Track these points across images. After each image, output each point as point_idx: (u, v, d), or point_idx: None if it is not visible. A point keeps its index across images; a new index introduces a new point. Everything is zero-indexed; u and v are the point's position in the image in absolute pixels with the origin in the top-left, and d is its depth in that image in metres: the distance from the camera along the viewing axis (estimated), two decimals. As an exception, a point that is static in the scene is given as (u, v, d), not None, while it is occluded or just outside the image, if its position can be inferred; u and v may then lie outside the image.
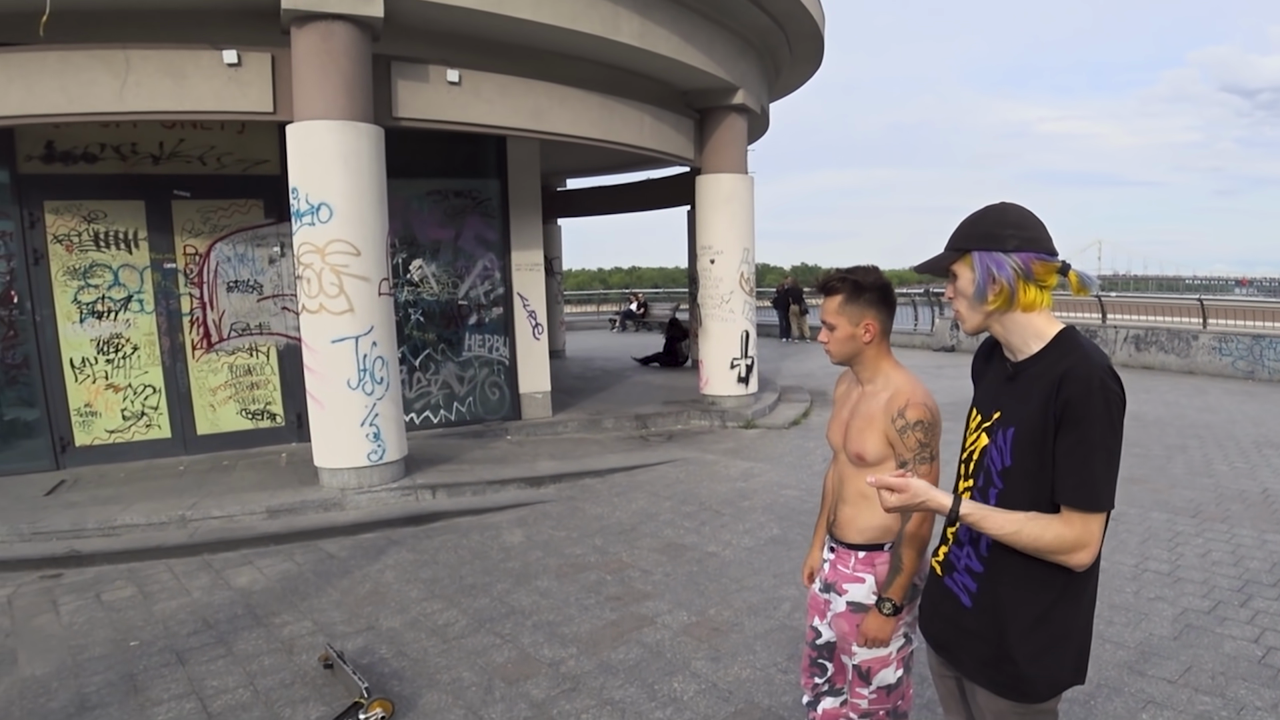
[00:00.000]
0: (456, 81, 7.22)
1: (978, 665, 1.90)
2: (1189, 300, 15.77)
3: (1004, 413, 1.84)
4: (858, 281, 2.38)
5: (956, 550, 1.94)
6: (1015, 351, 1.85)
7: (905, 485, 1.78)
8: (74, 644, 4.38)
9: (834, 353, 2.44)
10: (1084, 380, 1.66)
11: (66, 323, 7.56)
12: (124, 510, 6.21)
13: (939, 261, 1.87)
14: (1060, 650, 1.82)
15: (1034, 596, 1.79)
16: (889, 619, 2.34)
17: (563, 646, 4.18)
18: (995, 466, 1.83)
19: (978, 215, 1.83)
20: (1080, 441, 1.66)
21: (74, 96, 6.13)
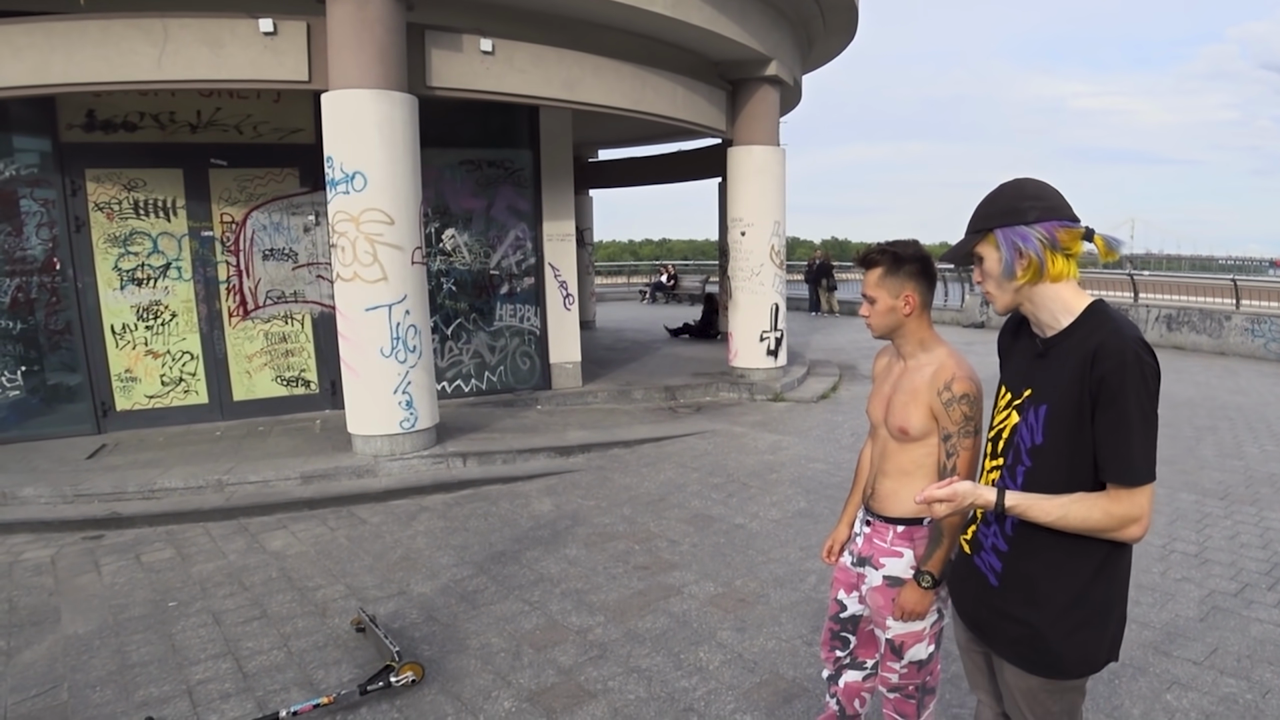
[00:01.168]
0: (490, 51, 7.20)
1: (1008, 643, 1.91)
2: (1223, 280, 15.46)
3: (1035, 390, 1.82)
4: (897, 254, 2.37)
5: (984, 529, 1.94)
6: (1045, 327, 1.83)
7: (952, 493, 1.79)
8: (115, 603, 4.51)
9: (875, 326, 2.43)
10: (1118, 354, 1.65)
11: (107, 289, 7.70)
12: (163, 474, 6.36)
13: (963, 247, 1.85)
14: (1096, 628, 1.82)
15: (1069, 575, 1.79)
16: (927, 592, 2.34)
17: (590, 615, 4.24)
18: (1025, 444, 1.82)
19: (994, 194, 1.82)
20: (1120, 417, 1.65)
21: (114, 65, 6.20)
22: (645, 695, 3.46)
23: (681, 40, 8.90)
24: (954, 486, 1.79)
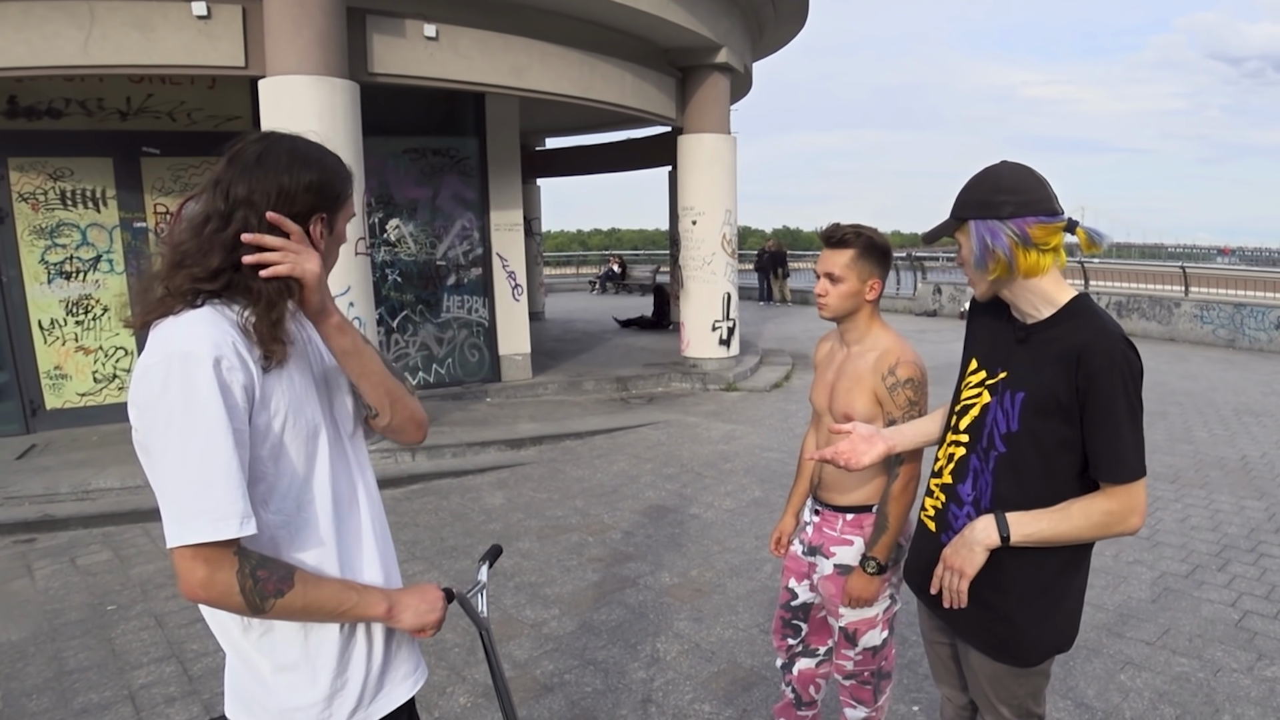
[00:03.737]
0: (434, 37, 7.06)
1: (973, 628, 1.89)
2: (1172, 268, 15.88)
3: (1011, 374, 1.80)
4: (872, 239, 2.35)
5: (956, 510, 1.90)
6: (1021, 314, 1.81)
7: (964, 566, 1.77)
8: (50, 609, 4.33)
9: (832, 307, 2.39)
10: (1107, 354, 1.64)
11: (34, 284, 7.39)
12: (98, 474, 6.13)
13: (941, 231, 1.82)
14: (1063, 614, 1.83)
15: (1039, 563, 1.78)
16: (874, 578, 2.33)
17: (545, 608, 4.18)
18: (999, 429, 1.80)
19: (974, 181, 1.77)
20: (1110, 416, 1.65)
21: (36, 49, 5.93)
22: (603, 687, 3.42)
23: (631, 26, 8.83)
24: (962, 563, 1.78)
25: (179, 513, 1.25)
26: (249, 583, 1.27)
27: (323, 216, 1.41)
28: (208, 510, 1.24)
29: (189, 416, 1.24)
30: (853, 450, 2.04)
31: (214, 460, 1.25)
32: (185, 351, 1.26)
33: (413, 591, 1.49)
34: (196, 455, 1.25)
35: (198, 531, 1.24)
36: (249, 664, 1.44)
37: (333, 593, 1.37)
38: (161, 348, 1.28)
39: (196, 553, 1.25)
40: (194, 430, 1.24)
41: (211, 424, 1.25)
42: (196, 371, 1.25)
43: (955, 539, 1.81)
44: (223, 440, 1.25)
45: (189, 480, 1.25)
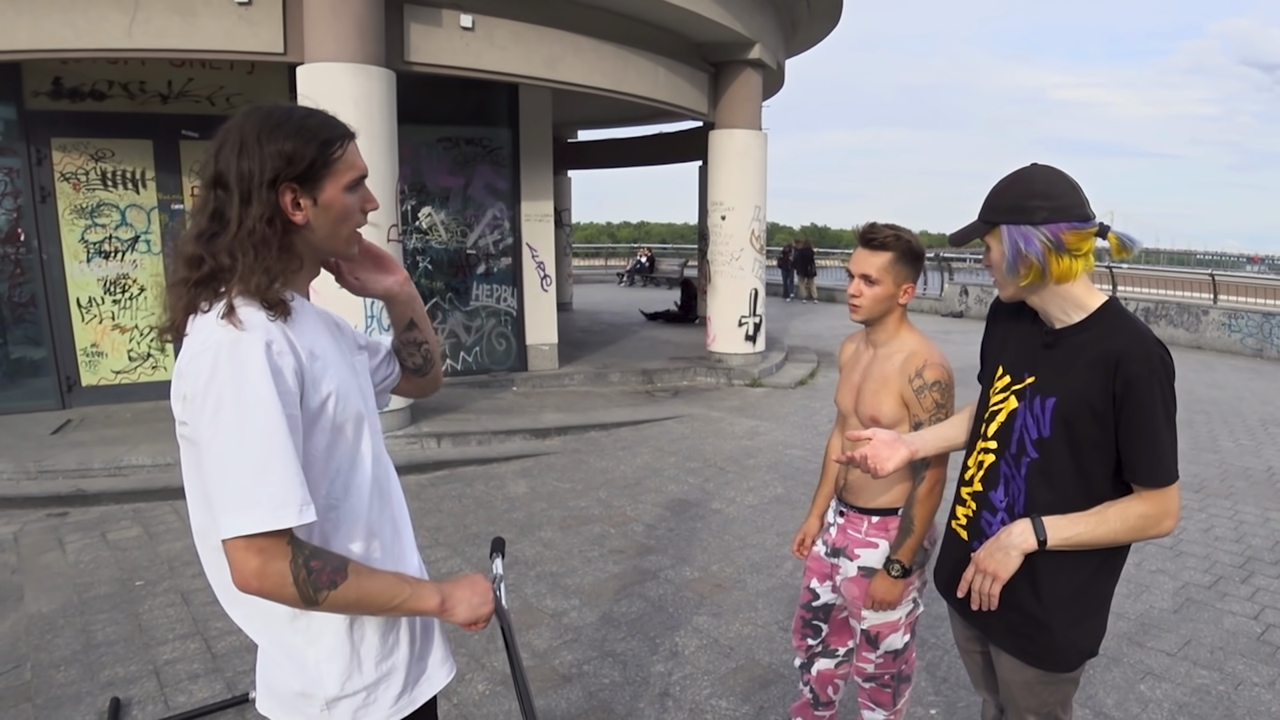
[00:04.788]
0: (470, 27, 7.09)
1: (1007, 633, 1.88)
2: (1200, 275, 15.64)
3: (1039, 379, 1.79)
4: (910, 243, 2.33)
5: (989, 517, 1.89)
6: (1049, 319, 1.80)
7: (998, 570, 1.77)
8: (80, 582, 4.42)
9: (865, 309, 2.36)
10: (1144, 360, 1.64)
11: (73, 262, 7.53)
12: (130, 451, 6.24)
13: (970, 232, 1.80)
14: (1095, 620, 1.83)
15: (1073, 568, 1.77)
16: (897, 581, 2.33)
17: (565, 598, 4.21)
18: (1030, 435, 1.79)
19: (1005, 184, 1.75)
20: (1148, 422, 1.65)
21: (81, 31, 6.03)
22: (621, 679, 3.44)
23: (664, 20, 8.82)
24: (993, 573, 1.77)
25: (234, 501, 1.21)
26: (302, 573, 1.25)
27: (293, 187, 1.34)
28: (266, 498, 1.21)
29: (241, 401, 1.21)
30: (876, 455, 2.03)
31: (270, 445, 1.22)
32: (234, 337, 1.23)
33: (464, 584, 1.46)
34: (252, 441, 1.21)
35: (256, 521, 1.21)
36: (294, 655, 1.41)
37: (385, 585, 1.34)
38: (208, 336, 1.25)
39: (250, 543, 1.22)
40: (247, 415, 1.21)
41: (266, 408, 1.22)
42: (247, 356, 1.23)
43: (989, 542, 1.80)
44: (278, 425, 1.23)
45: (245, 467, 1.21)
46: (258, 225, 1.30)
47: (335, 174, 1.38)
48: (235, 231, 1.30)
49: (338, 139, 1.39)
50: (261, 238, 1.30)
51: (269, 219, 1.31)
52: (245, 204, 1.31)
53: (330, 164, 1.37)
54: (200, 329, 1.28)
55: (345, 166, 1.40)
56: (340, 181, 1.39)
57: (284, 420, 1.24)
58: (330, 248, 1.44)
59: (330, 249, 1.45)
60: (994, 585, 1.77)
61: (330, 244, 1.43)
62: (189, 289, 1.31)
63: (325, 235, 1.41)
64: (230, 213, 1.31)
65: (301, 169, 1.33)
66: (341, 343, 1.51)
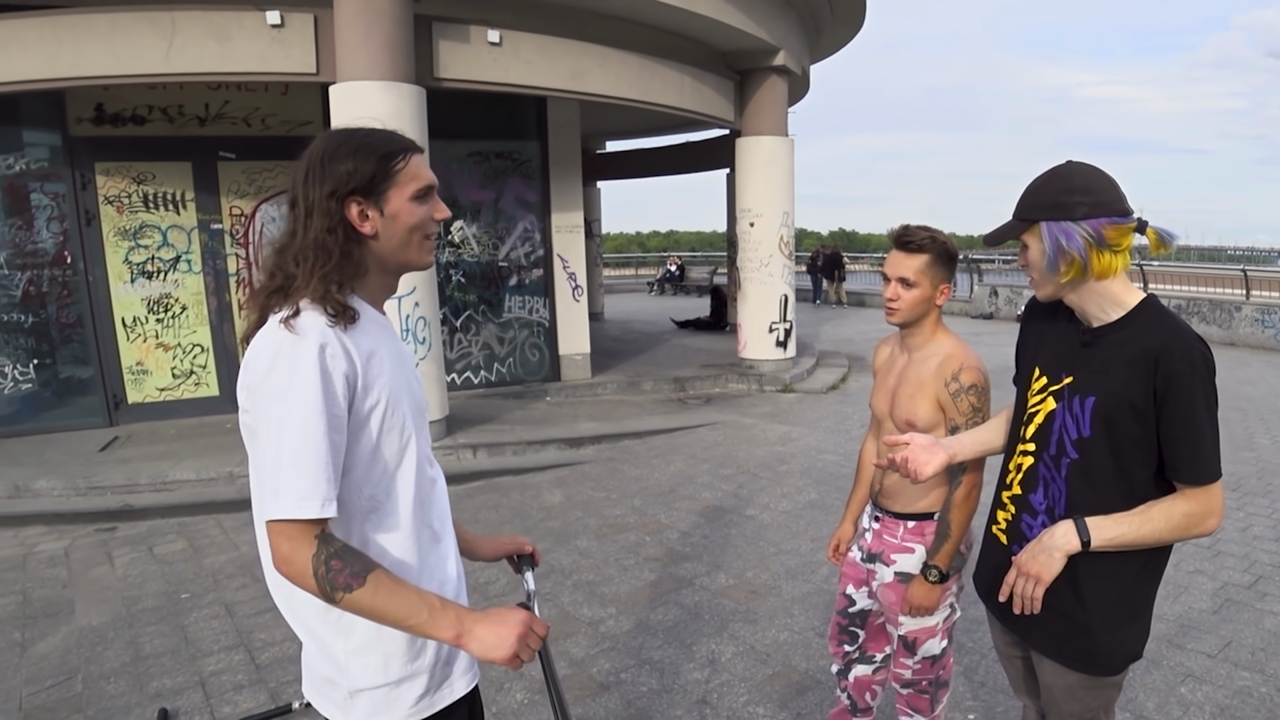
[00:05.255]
0: (497, 42, 7.18)
1: (1050, 638, 1.86)
2: (1232, 271, 15.34)
3: (1077, 379, 1.77)
4: (946, 245, 2.31)
5: (1029, 520, 1.87)
6: (1091, 318, 1.77)
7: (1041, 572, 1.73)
8: (128, 595, 4.53)
9: (903, 312, 2.34)
10: (1186, 355, 1.62)
11: (118, 282, 7.73)
12: (175, 466, 6.39)
13: (1007, 232, 1.77)
14: (1139, 622, 1.81)
15: (1116, 570, 1.76)
16: (935, 586, 2.31)
17: (602, 606, 4.24)
18: (1070, 435, 1.77)
19: (1042, 181, 1.72)
20: (1191, 418, 1.64)
21: (122, 58, 6.20)
22: (658, 687, 3.46)
23: (689, 30, 8.86)
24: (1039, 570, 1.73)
25: (272, 488, 1.31)
26: (321, 569, 1.31)
27: (358, 200, 1.43)
28: (295, 489, 1.30)
29: (289, 397, 1.31)
30: (915, 459, 2.01)
31: (307, 441, 1.31)
32: (294, 338, 1.34)
33: (488, 621, 1.40)
34: (292, 434, 1.31)
35: (283, 508, 1.30)
36: (322, 645, 1.49)
37: (403, 603, 1.34)
38: (272, 335, 1.36)
39: (282, 528, 1.31)
40: (292, 411, 1.31)
41: (309, 406, 1.31)
42: (302, 355, 1.32)
43: (1031, 545, 1.76)
44: (317, 423, 1.32)
45: (283, 458, 1.31)
46: (320, 235, 1.41)
47: (399, 185, 1.46)
48: (299, 243, 1.42)
49: (399, 152, 1.47)
50: (322, 246, 1.41)
51: (330, 229, 1.42)
52: (309, 217, 1.43)
53: (392, 175, 1.46)
54: (268, 328, 1.39)
55: (408, 177, 1.47)
56: (405, 192, 1.47)
57: (324, 419, 1.32)
58: (403, 257, 1.51)
59: (403, 258, 1.52)
60: (1037, 588, 1.73)
61: (402, 253, 1.51)
62: (264, 297, 1.44)
63: (396, 244, 1.49)
64: (299, 228, 1.43)
65: (363, 182, 1.43)
66: (403, 354, 1.58)
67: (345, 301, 1.41)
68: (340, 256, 1.42)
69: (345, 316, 1.40)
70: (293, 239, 1.44)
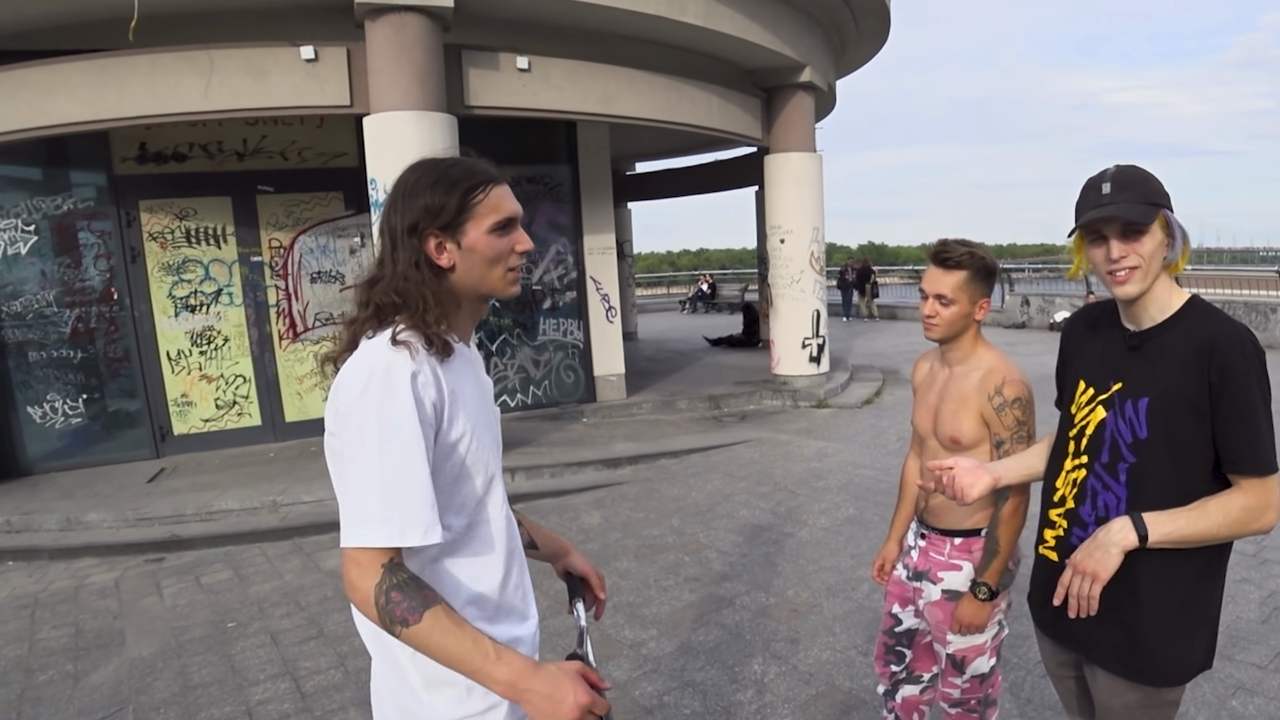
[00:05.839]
0: (526, 68, 7.28)
1: (1110, 652, 1.82)
2: (1267, 273, 15.04)
3: (1128, 384, 1.77)
4: (985, 261, 2.29)
5: (1080, 532, 1.84)
6: (1139, 320, 1.77)
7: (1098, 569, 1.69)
8: (176, 625, 4.61)
9: (942, 329, 2.32)
10: (1238, 346, 1.63)
11: (162, 317, 7.91)
12: (220, 496, 6.49)
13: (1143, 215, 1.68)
14: (1202, 630, 1.78)
15: (1175, 577, 1.73)
16: (985, 604, 2.28)
17: (643, 628, 4.24)
18: (1125, 439, 1.76)
19: (1146, 174, 1.72)
20: (1247, 408, 1.63)
21: (162, 98, 6.38)
22: (701, 709, 3.45)
23: (714, 50, 8.92)
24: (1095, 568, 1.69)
25: (358, 514, 1.31)
26: (382, 599, 1.29)
27: (435, 233, 1.44)
28: (387, 517, 1.29)
29: (384, 423, 1.31)
30: (961, 482, 1.99)
31: (405, 467, 1.31)
32: (387, 363, 1.34)
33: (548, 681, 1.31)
34: (389, 460, 1.30)
35: (377, 535, 1.29)
36: (401, 674, 1.46)
37: (458, 644, 1.29)
38: (365, 360, 1.37)
39: (353, 554, 1.31)
40: (388, 436, 1.30)
41: (406, 433, 1.31)
42: (396, 382, 1.32)
43: (1086, 542, 1.73)
44: (415, 449, 1.32)
45: (378, 484, 1.30)
46: (406, 269, 1.43)
47: (477, 217, 1.46)
48: (390, 276, 1.44)
49: (479, 185, 1.47)
50: (412, 281, 1.43)
51: (416, 263, 1.44)
52: (394, 250, 1.45)
53: (469, 209, 1.46)
54: (360, 352, 1.40)
55: (488, 210, 1.47)
56: (483, 224, 1.47)
57: (421, 446, 1.33)
58: (485, 288, 1.51)
59: (486, 290, 1.51)
60: (1094, 586, 1.68)
61: (484, 285, 1.50)
62: (356, 326, 1.46)
63: (476, 278, 1.49)
64: (387, 259, 1.46)
65: (439, 215, 1.44)
66: (484, 389, 1.60)
67: (443, 335, 1.42)
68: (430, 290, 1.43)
69: (443, 350, 1.41)
70: (381, 269, 1.47)
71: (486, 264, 1.48)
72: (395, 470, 1.30)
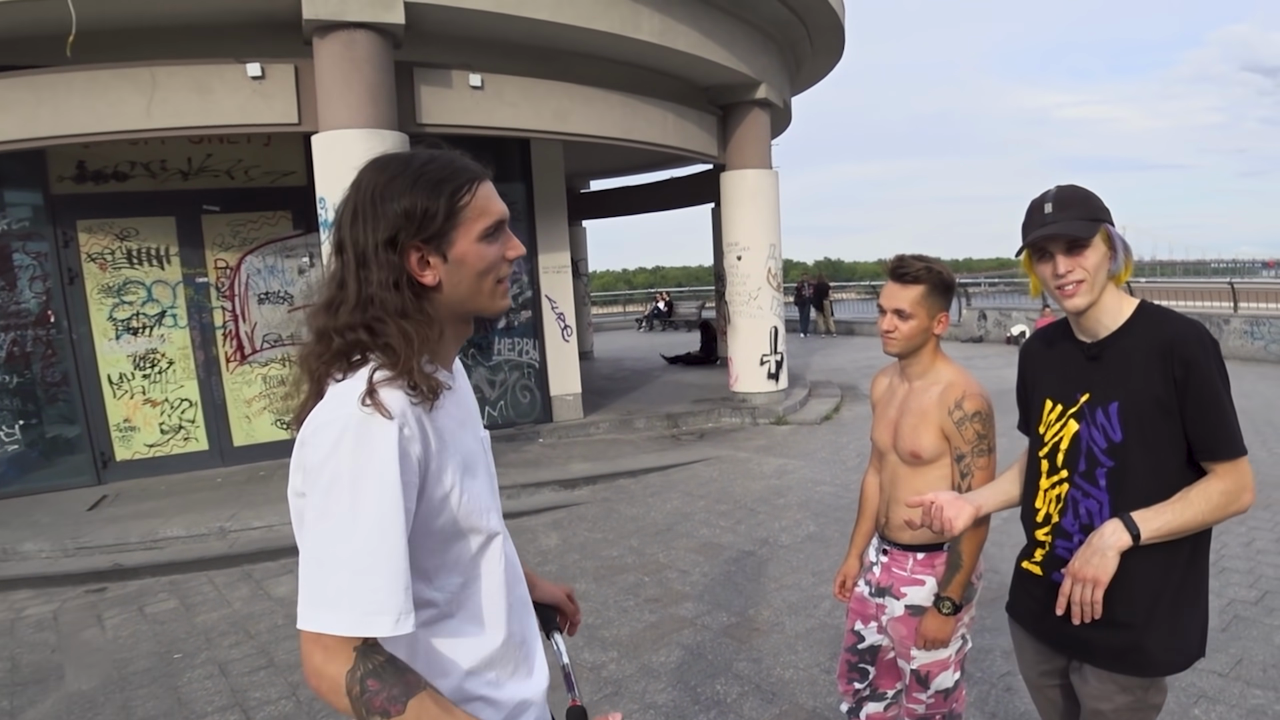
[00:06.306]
0: (479, 86, 7.23)
1: (1111, 653, 1.85)
2: (1219, 284, 15.51)
3: (1095, 393, 1.84)
4: (942, 275, 2.31)
5: (1065, 544, 1.89)
6: (1094, 331, 1.85)
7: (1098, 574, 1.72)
8: (119, 657, 4.42)
9: (900, 343, 2.33)
10: (1197, 340, 1.72)
11: (103, 340, 7.66)
12: (165, 523, 6.28)
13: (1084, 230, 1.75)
14: (1195, 618, 1.85)
15: (1166, 566, 1.79)
16: (948, 618, 2.28)
17: (603, 650, 4.16)
18: (1099, 445, 1.82)
19: (1084, 193, 1.81)
20: (1213, 397, 1.72)
21: (102, 116, 6.21)
22: (663, 732, 3.38)
23: (670, 67, 8.95)
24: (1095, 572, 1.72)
25: (322, 593, 1.10)
26: (356, 689, 1.10)
27: (418, 246, 1.21)
28: (361, 600, 1.09)
29: (359, 487, 1.10)
30: (949, 513, 1.98)
31: (382, 542, 1.10)
32: (365, 414, 1.12)
33: None
34: (363, 533, 1.10)
35: (341, 622, 1.09)
36: None
37: None
38: (338, 406, 1.14)
39: (317, 638, 1.10)
40: (362, 503, 1.10)
41: (384, 499, 1.10)
42: (376, 436, 1.11)
43: (1081, 550, 1.76)
44: (393, 519, 1.11)
45: (347, 559, 1.10)
46: (379, 292, 1.19)
47: (464, 224, 1.24)
48: (357, 302, 1.19)
49: (465, 184, 1.24)
50: (389, 308, 1.19)
51: (394, 283, 1.19)
52: (362, 268, 1.20)
53: (455, 214, 1.23)
54: (333, 398, 1.17)
55: (476, 214, 1.25)
56: (472, 232, 1.24)
57: (402, 517, 1.12)
58: (473, 306, 1.29)
59: (473, 307, 1.29)
60: (1096, 591, 1.73)
61: (471, 302, 1.28)
62: (317, 363, 1.23)
63: (465, 294, 1.26)
64: (350, 280, 1.21)
65: (425, 224, 1.20)
66: (470, 414, 1.38)
67: (430, 378, 1.20)
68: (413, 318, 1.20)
69: (430, 394, 1.19)
70: (342, 292, 1.21)
71: (476, 277, 1.26)
72: (368, 543, 1.10)
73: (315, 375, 1.23)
